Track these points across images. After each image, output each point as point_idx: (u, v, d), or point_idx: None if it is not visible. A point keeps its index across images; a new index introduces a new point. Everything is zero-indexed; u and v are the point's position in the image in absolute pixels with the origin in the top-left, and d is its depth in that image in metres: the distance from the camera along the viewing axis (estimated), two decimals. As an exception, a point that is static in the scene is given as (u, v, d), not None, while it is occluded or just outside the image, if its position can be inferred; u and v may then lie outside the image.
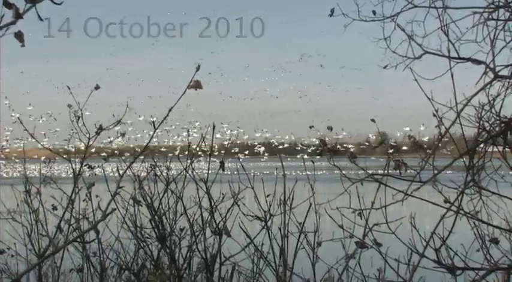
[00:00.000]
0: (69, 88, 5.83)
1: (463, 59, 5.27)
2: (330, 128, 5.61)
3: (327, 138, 5.13)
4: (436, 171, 4.85)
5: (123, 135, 6.70)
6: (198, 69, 3.49)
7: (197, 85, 3.40)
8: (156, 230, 7.11)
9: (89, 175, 6.78)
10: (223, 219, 6.81)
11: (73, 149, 6.82)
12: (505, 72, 5.03)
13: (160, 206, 7.10)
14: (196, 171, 6.98)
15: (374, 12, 6.14)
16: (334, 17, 6.28)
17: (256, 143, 76.23)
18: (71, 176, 6.10)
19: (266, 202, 6.61)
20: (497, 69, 5.05)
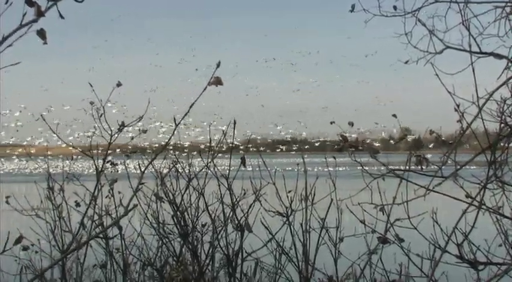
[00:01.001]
0: (91, 85, 5.86)
1: (485, 53, 5.25)
2: (351, 124, 5.59)
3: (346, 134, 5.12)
4: (457, 166, 4.83)
5: (144, 131, 6.72)
6: (218, 66, 3.49)
7: (217, 81, 3.40)
8: (178, 226, 7.15)
9: (111, 171, 6.82)
10: (245, 215, 6.82)
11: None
12: (527, 66, 5.00)
13: (182, 202, 7.13)
14: (218, 167, 7.00)
15: (395, 8, 6.13)
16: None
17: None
18: (93, 172, 6.14)
19: (287, 198, 6.61)
20: (520, 63, 5.02)
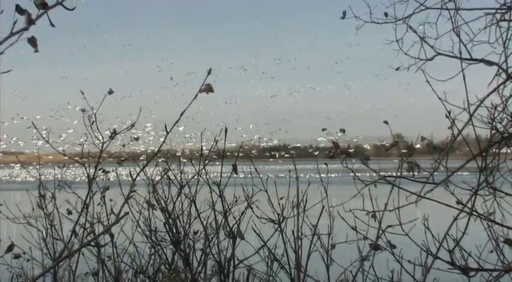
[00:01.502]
0: (82, 93, 5.85)
1: (476, 60, 5.26)
2: (343, 131, 5.60)
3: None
4: (449, 173, 4.84)
5: (136, 139, 6.71)
6: (209, 73, 3.49)
7: (208, 88, 3.40)
8: (170, 233, 7.13)
9: (103, 179, 6.81)
10: (237, 222, 6.81)
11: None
12: (517, 73, 5.01)
13: (174, 210, 7.12)
14: (210, 174, 6.99)
15: (386, 15, 6.14)
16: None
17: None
18: (85, 180, 6.12)
19: (279, 205, 6.61)
20: (510, 70, 5.04)
